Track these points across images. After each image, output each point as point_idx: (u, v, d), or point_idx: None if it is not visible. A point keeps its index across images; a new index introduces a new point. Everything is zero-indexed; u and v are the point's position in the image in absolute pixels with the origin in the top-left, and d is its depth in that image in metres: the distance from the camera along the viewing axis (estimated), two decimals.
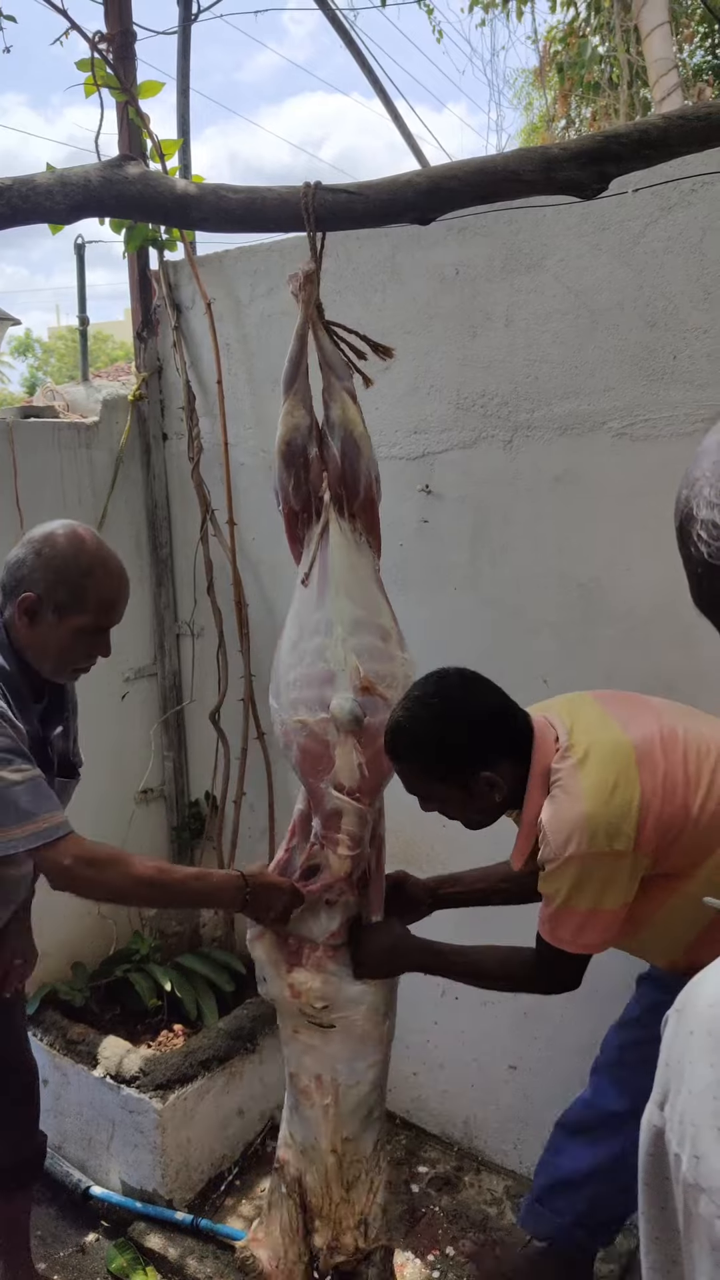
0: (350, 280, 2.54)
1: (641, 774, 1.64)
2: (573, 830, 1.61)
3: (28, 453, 2.77)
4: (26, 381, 25.54)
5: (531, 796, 1.70)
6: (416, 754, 1.71)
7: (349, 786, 1.85)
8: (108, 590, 1.80)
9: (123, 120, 2.82)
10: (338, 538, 1.84)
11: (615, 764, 1.65)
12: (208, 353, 2.89)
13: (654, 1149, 0.72)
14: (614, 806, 1.61)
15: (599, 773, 1.64)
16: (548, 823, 1.64)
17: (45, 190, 1.79)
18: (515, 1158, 2.66)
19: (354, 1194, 1.95)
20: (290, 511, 1.92)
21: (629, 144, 1.61)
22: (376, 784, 1.86)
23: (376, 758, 1.82)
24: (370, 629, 1.85)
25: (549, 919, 1.70)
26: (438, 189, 1.70)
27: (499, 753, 1.70)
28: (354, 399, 1.83)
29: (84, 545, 1.79)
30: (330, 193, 1.72)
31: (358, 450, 1.82)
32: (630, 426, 2.18)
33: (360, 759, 1.83)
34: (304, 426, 1.87)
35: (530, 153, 1.67)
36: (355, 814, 1.86)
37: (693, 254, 2.05)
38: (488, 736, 1.70)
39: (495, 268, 2.32)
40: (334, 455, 1.84)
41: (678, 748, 1.69)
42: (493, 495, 2.42)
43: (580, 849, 1.60)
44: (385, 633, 1.86)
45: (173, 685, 3.22)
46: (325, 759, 1.85)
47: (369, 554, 1.89)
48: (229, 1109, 2.67)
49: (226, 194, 1.79)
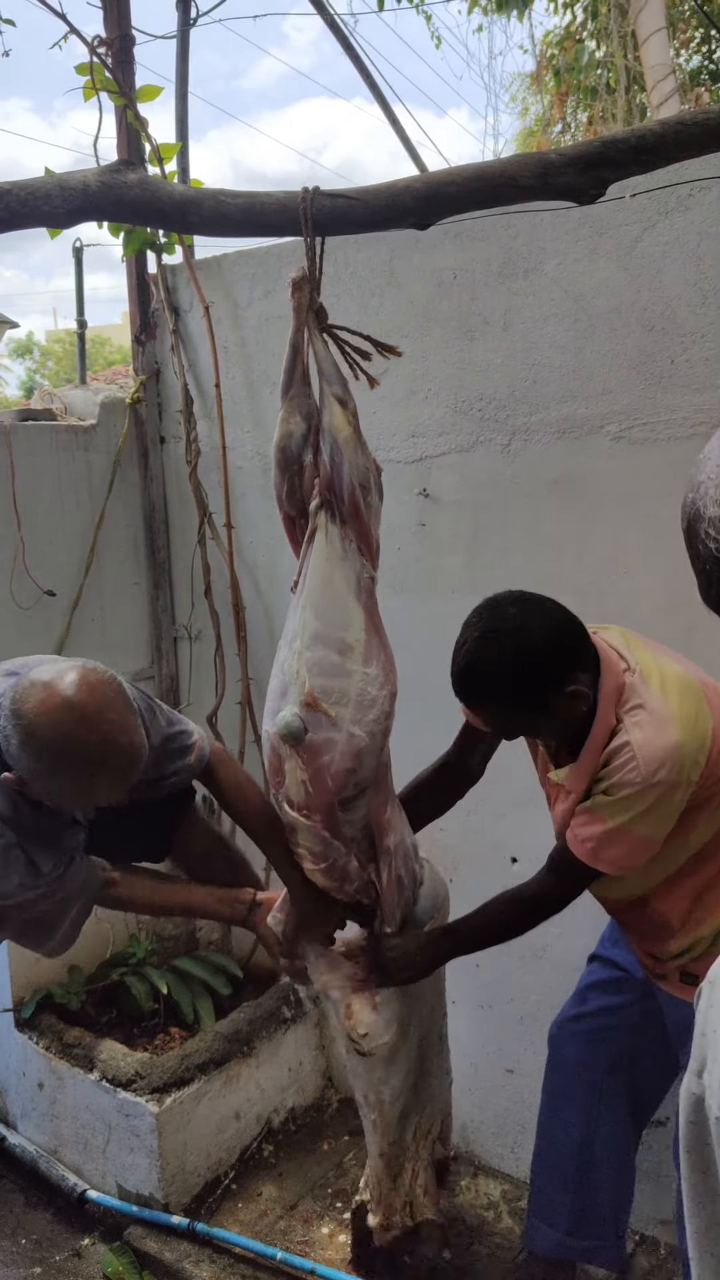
0: (348, 284, 2.54)
1: (712, 712, 1.68)
2: (666, 758, 1.61)
3: (25, 455, 2.77)
4: (24, 385, 25.51)
5: (602, 713, 1.68)
6: (494, 694, 1.69)
7: (296, 803, 1.81)
8: (91, 786, 1.56)
9: (121, 124, 2.82)
10: (322, 546, 1.81)
11: (693, 696, 1.68)
12: (206, 356, 2.90)
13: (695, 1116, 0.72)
14: (697, 738, 1.63)
15: (684, 703, 1.66)
16: (640, 747, 1.62)
17: (44, 195, 1.79)
18: (512, 1161, 2.65)
19: (399, 1183, 2.14)
20: (287, 517, 1.91)
21: (627, 149, 1.61)
22: (325, 803, 1.80)
23: (318, 775, 1.77)
24: (328, 643, 1.79)
25: (597, 837, 1.67)
26: (435, 194, 1.70)
27: (573, 667, 1.67)
28: (343, 404, 1.80)
29: (61, 729, 1.51)
30: (329, 198, 1.72)
31: (342, 456, 1.80)
32: (628, 430, 2.19)
33: (303, 776, 1.79)
34: (298, 433, 1.86)
35: (528, 158, 1.68)
36: (308, 830, 1.83)
37: (690, 258, 2.06)
38: (559, 656, 1.66)
39: (493, 272, 2.32)
40: (324, 462, 1.83)
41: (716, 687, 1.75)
42: (490, 499, 2.42)
43: (669, 777, 1.61)
44: (345, 647, 1.79)
45: (170, 688, 3.22)
46: (280, 773, 1.83)
47: (356, 562, 1.83)
48: (226, 1112, 2.66)
49: (225, 199, 1.79)
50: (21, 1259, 2.49)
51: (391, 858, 1.92)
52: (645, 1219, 2.44)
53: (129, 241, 2.88)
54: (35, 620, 2.82)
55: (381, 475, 1.89)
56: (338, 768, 1.77)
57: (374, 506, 1.87)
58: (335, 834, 1.83)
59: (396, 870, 1.93)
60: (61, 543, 2.90)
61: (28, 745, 1.52)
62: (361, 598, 1.83)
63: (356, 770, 1.79)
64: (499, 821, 2.45)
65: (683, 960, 1.81)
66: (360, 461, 1.81)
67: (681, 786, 1.63)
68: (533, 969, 2.53)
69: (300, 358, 1.85)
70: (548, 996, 2.39)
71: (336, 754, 1.77)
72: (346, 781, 1.79)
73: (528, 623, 1.67)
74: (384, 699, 1.80)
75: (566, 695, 1.66)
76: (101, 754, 1.53)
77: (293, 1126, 2.87)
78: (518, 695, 1.67)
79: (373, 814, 1.89)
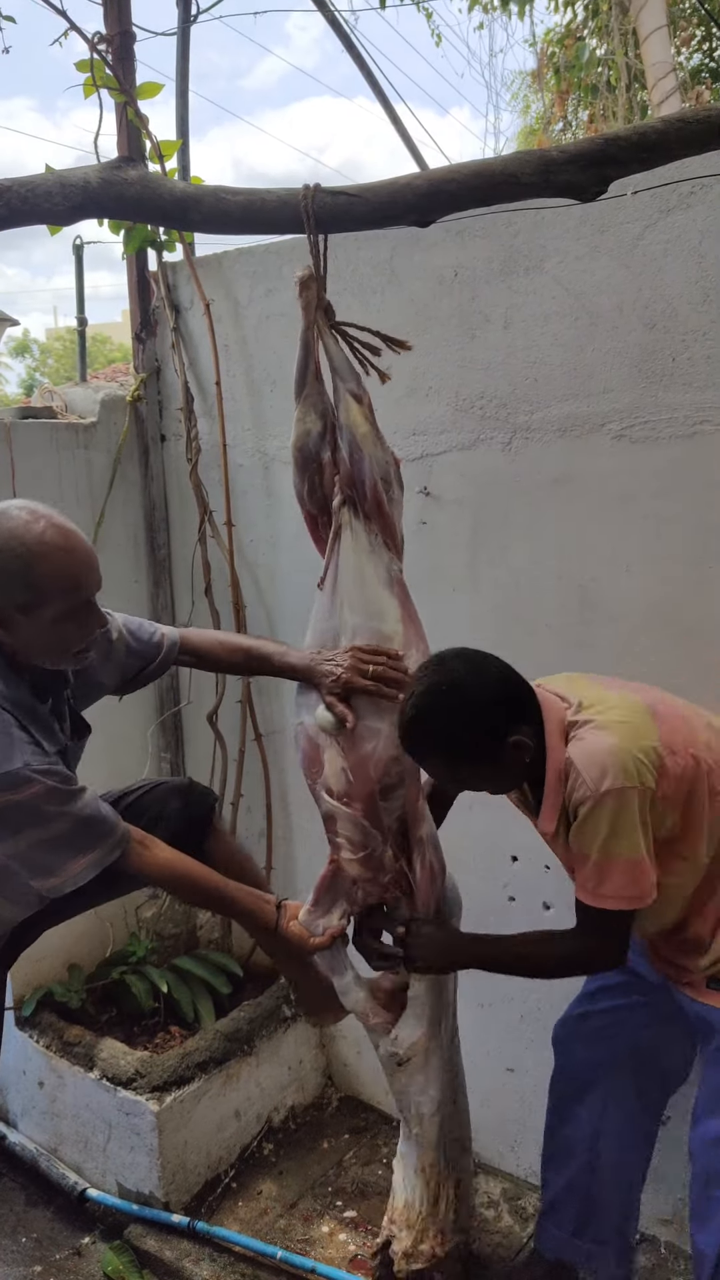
0: (349, 282, 2.53)
1: (657, 723, 1.70)
2: (605, 762, 1.63)
3: (25, 453, 2.77)
4: (24, 383, 25.50)
5: (552, 752, 1.71)
6: (439, 746, 1.71)
7: (336, 791, 1.84)
8: (65, 569, 1.65)
9: (122, 122, 2.82)
10: (349, 542, 1.85)
11: (634, 711, 1.72)
12: (206, 354, 2.89)
13: None
14: (638, 743, 1.66)
15: (620, 714, 1.70)
16: (579, 759, 1.65)
17: (45, 191, 1.79)
18: (513, 1160, 2.65)
19: (437, 1208, 2.05)
20: (309, 515, 1.93)
21: (628, 147, 1.61)
22: (366, 791, 1.83)
23: (361, 763, 1.81)
24: (367, 634, 1.84)
25: (592, 875, 1.68)
26: (437, 191, 1.70)
27: (514, 719, 1.70)
28: (358, 400, 1.82)
29: (18, 531, 1.62)
30: (330, 195, 1.72)
31: (361, 452, 1.82)
32: (629, 429, 2.18)
33: (344, 764, 1.82)
34: (315, 432, 1.87)
35: (529, 155, 1.67)
36: (347, 819, 1.85)
37: (692, 256, 2.05)
38: (503, 708, 1.70)
39: (494, 270, 2.32)
40: (343, 458, 1.84)
41: (681, 711, 1.78)
42: (491, 497, 2.42)
43: (616, 783, 1.62)
44: (383, 638, 1.85)
45: (170, 686, 3.21)
46: (318, 763, 1.86)
47: (384, 556, 1.86)
48: (226, 1111, 2.66)
49: (226, 196, 1.78)
50: (22, 1257, 2.49)
51: (424, 846, 1.93)
52: (646, 1218, 2.43)
53: (129, 239, 2.88)
54: None
55: (400, 467, 1.90)
56: (381, 755, 1.81)
57: (396, 500, 1.90)
58: (375, 822, 1.85)
59: (429, 859, 1.93)
60: None
61: (32, 571, 1.62)
62: (395, 589, 1.87)
63: (399, 758, 1.82)
64: (499, 820, 2.45)
65: (713, 970, 1.81)
66: (380, 456, 1.83)
67: (637, 792, 1.63)
68: None
69: (312, 356, 1.86)
70: (548, 995, 2.39)
71: (381, 742, 1.81)
72: (389, 769, 1.82)
73: (468, 679, 1.70)
74: None
75: (509, 746, 1.68)
76: (69, 532, 1.68)
77: (293, 1125, 2.87)
78: (458, 748, 1.70)
79: (409, 802, 1.90)
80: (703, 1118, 1.82)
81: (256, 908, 1.95)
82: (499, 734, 1.68)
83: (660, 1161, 2.38)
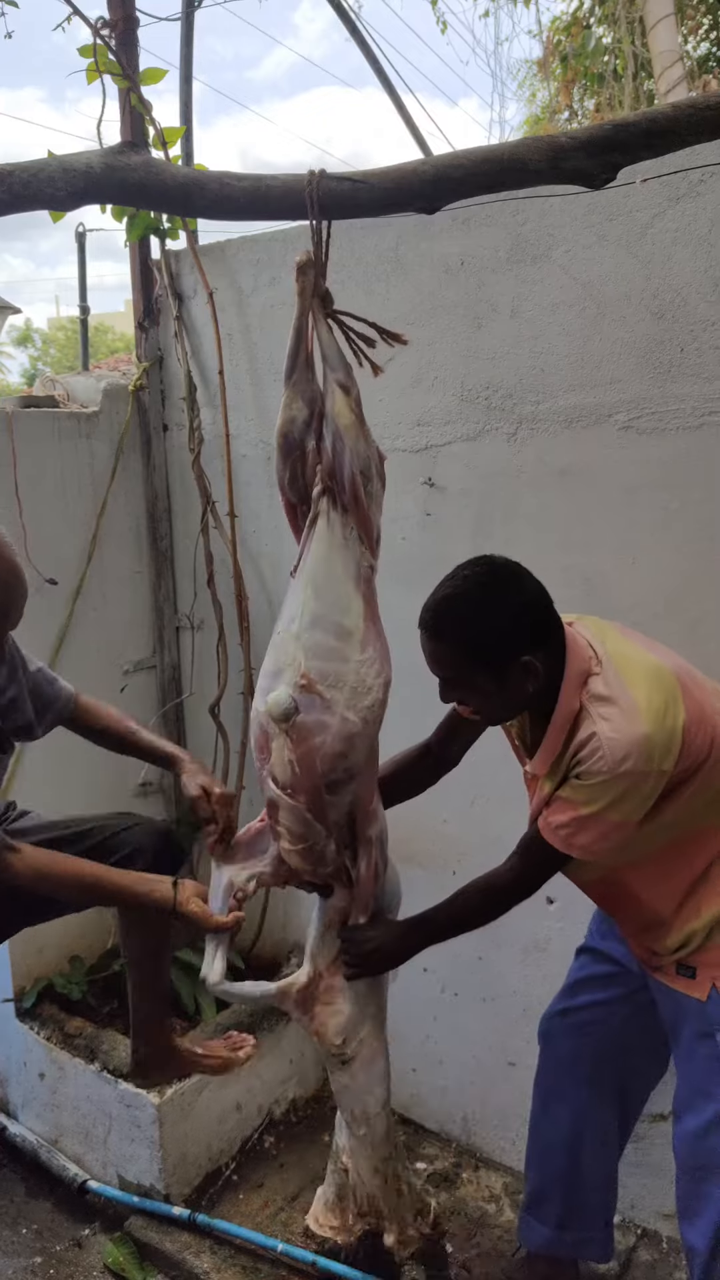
0: (353, 270, 2.51)
1: (685, 701, 1.68)
2: (631, 749, 1.62)
3: (27, 442, 2.75)
4: (27, 373, 25.44)
5: (565, 696, 1.70)
6: (459, 631, 1.69)
7: (281, 781, 1.80)
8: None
9: (125, 108, 2.79)
10: (323, 531, 1.80)
11: (664, 687, 1.68)
12: (209, 343, 2.87)
13: None
14: (667, 729, 1.64)
15: (651, 693, 1.67)
16: (606, 740, 1.64)
17: (47, 177, 1.76)
18: (514, 1154, 2.65)
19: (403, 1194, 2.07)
20: (289, 504, 1.89)
21: (638, 133, 1.58)
22: (310, 784, 1.79)
23: (307, 757, 1.77)
24: (327, 627, 1.78)
25: (571, 823, 1.69)
26: (444, 177, 1.67)
27: (538, 642, 1.69)
28: (346, 391, 1.78)
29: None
30: (335, 181, 1.69)
31: (344, 443, 1.78)
32: (636, 420, 2.17)
33: (291, 755, 1.78)
34: (300, 419, 1.84)
35: (537, 141, 1.65)
36: (289, 810, 1.81)
37: (701, 245, 2.03)
38: (532, 622, 1.70)
39: (501, 258, 2.30)
40: (326, 448, 1.81)
41: (700, 683, 1.75)
42: (497, 488, 2.40)
43: (636, 767, 1.62)
44: (344, 632, 1.79)
45: (172, 678, 3.20)
46: (266, 750, 1.82)
47: (355, 550, 1.82)
48: (227, 1104, 2.66)
49: (230, 182, 1.76)
50: (22, 1249, 2.49)
51: (372, 847, 1.91)
52: (648, 1213, 2.43)
53: (132, 226, 2.86)
54: (37, 608, 2.77)
55: (385, 463, 1.87)
56: (329, 750, 1.76)
57: (375, 495, 1.85)
58: (319, 816, 1.81)
59: (375, 859, 1.91)
60: (63, 531, 2.88)
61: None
62: (361, 586, 1.82)
63: (347, 755, 1.78)
64: (502, 812, 2.43)
65: (680, 954, 1.81)
66: (362, 449, 1.79)
67: (653, 776, 1.64)
68: (535, 962, 2.53)
69: (304, 343, 1.83)
70: (550, 989, 2.37)
71: (329, 736, 1.76)
72: (336, 765, 1.77)
73: (511, 581, 1.72)
74: (379, 687, 1.80)
75: (519, 665, 1.67)
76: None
77: (294, 1118, 2.87)
78: (481, 641, 1.68)
79: (360, 802, 1.87)
80: (683, 1113, 1.82)
81: (149, 889, 1.88)
82: (515, 645, 1.67)
83: (661, 1156, 2.37)
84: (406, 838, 2.44)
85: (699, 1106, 1.78)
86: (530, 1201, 2.18)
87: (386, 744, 1.96)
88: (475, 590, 1.70)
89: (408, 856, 2.67)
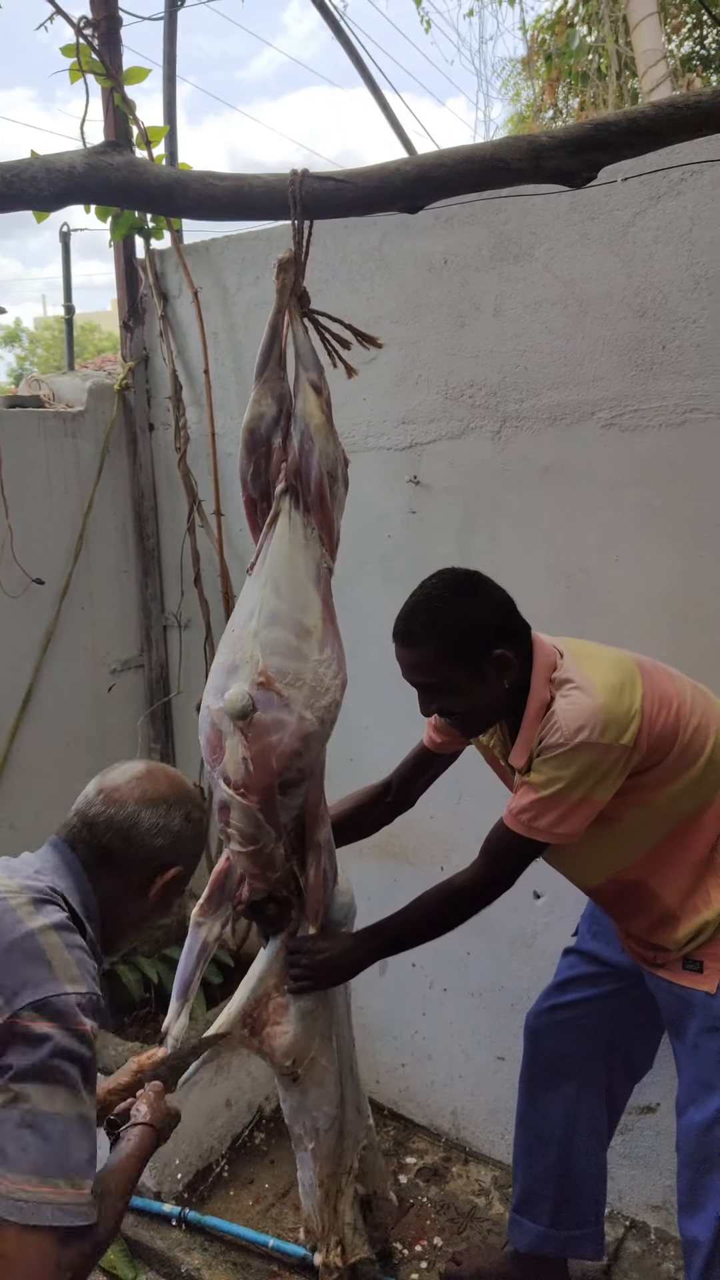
0: (338, 269, 2.52)
1: (643, 682, 1.74)
2: (587, 719, 1.66)
3: (12, 442, 2.75)
4: (14, 373, 25.34)
5: (536, 688, 1.75)
6: (432, 631, 1.73)
7: (234, 780, 1.78)
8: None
9: (109, 107, 2.79)
10: (284, 530, 1.80)
11: (621, 670, 1.75)
12: (195, 342, 2.87)
13: None
14: (624, 704, 1.69)
15: (607, 673, 1.74)
16: (561, 712, 1.69)
17: (30, 177, 1.76)
18: (503, 1148, 2.66)
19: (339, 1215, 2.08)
20: (250, 500, 1.88)
21: (618, 132, 1.59)
22: (264, 783, 1.77)
23: (263, 755, 1.75)
24: (287, 624, 1.77)
25: (531, 806, 1.72)
26: (426, 177, 1.68)
27: (509, 639, 1.75)
28: (318, 391, 1.78)
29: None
30: (318, 180, 1.70)
31: (313, 444, 1.78)
32: (619, 417, 2.18)
33: (245, 753, 1.76)
34: (269, 416, 1.83)
35: (519, 141, 1.66)
36: (242, 811, 1.80)
37: (682, 243, 2.05)
38: (501, 617, 1.77)
39: (484, 257, 2.31)
40: (294, 447, 1.80)
41: (667, 672, 1.82)
42: (481, 486, 2.41)
43: (592, 737, 1.66)
44: (303, 631, 1.78)
45: (160, 677, 3.21)
46: (219, 749, 1.80)
47: (316, 551, 1.82)
48: (217, 1101, 2.66)
49: (213, 181, 1.76)
50: None
51: (320, 851, 1.90)
52: (636, 1204, 2.45)
53: (116, 226, 2.85)
54: (24, 608, 2.80)
55: (349, 467, 1.87)
56: (285, 749, 1.75)
57: (339, 497, 1.85)
58: (270, 817, 1.80)
59: (323, 864, 1.91)
60: (50, 530, 2.88)
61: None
62: (320, 587, 1.82)
63: (303, 754, 1.77)
64: (489, 809, 2.44)
65: (690, 948, 1.81)
66: (330, 451, 1.80)
67: (614, 751, 1.67)
68: (523, 956, 2.54)
69: (278, 340, 1.83)
70: (538, 983, 2.39)
71: (286, 735, 1.75)
72: (291, 764, 1.77)
73: (483, 584, 1.80)
74: (336, 688, 1.80)
75: (492, 659, 1.72)
76: None
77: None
78: (458, 639, 1.72)
79: (309, 804, 1.87)
80: (687, 1107, 1.82)
81: (140, 1146, 1.58)
82: (490, 640, 1.72)
83: (649, 1148, 2.39)
84: (394, 834, 2.45)
85: (704, 1100, 1.78)
86: (521, 1201, 2.18)
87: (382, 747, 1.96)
88: (444, 593, 1.76)
89: (395, 853, 2.68)
